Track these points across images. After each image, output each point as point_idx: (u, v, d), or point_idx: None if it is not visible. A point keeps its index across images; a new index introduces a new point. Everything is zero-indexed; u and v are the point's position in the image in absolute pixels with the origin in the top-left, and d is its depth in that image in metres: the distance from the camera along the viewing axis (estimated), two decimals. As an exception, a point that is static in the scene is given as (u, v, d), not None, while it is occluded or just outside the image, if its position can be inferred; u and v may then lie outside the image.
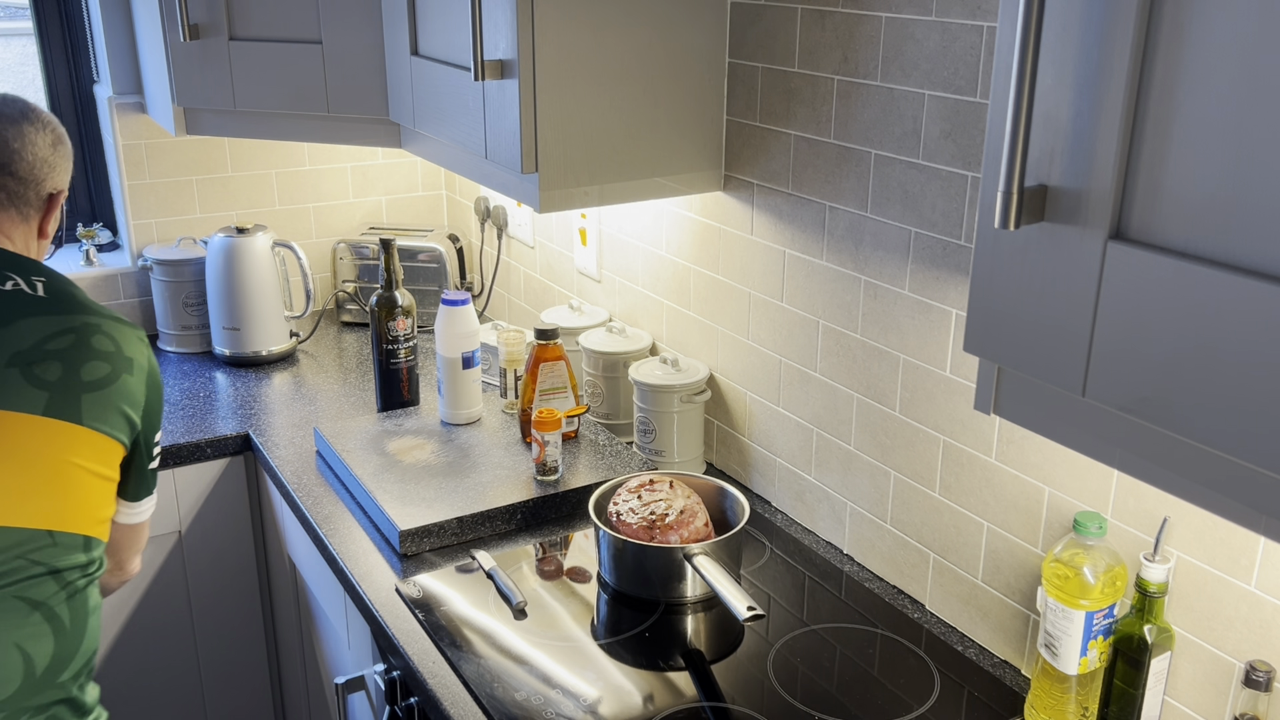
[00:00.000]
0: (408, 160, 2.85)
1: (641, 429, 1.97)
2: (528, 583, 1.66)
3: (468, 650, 1.50)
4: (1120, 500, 1.30)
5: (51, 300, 1.49)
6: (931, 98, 1.44)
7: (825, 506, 1.78)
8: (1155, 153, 0.77)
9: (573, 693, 1.41)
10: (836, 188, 1.62)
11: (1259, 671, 1.14)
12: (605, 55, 1.66)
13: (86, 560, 1.47)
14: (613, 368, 2.07)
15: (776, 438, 1.85)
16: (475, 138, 1.77)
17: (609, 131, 1.70)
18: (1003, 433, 1.44)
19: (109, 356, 1.49)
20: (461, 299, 2.07)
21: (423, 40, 1.92)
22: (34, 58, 2.93)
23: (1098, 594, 1.24)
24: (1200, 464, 0.79)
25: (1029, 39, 0.79)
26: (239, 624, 2.33)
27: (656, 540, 1.59)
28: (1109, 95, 0.78)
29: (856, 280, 1.62)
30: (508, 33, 1.61)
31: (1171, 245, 0.77)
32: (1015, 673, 1.48)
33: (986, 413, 0.97)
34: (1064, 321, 0.84)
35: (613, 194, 1.74)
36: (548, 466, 1.85)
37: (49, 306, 1.48)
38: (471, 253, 2.80)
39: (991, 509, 1.48)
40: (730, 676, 1.47)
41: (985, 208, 0.88)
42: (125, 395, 1.49)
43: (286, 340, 2.55)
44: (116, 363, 1.49)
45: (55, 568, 1.42)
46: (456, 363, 2.07)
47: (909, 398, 1.57)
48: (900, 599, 1.64)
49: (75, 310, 1.50)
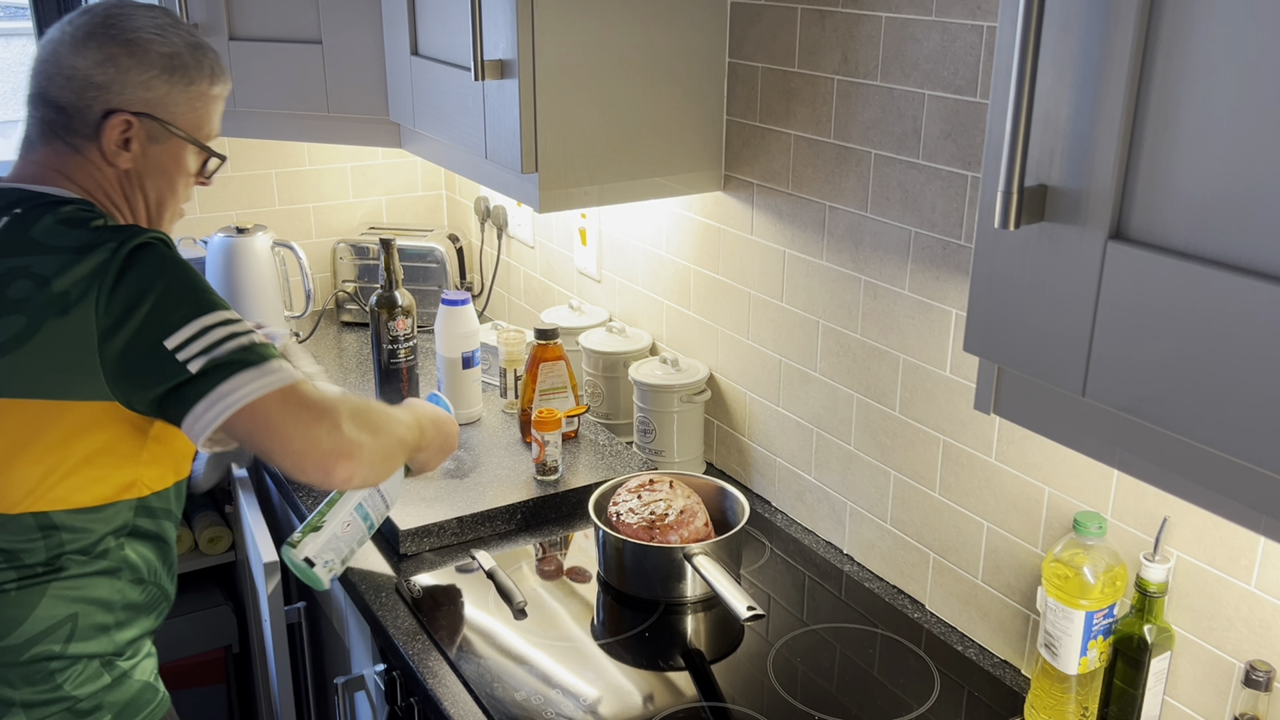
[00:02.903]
0: (408, 160, 2.85)
1: (641, 429, 1.97)
2: (528, 583, 1.66)
3: (468, 650, 1.50)
4: (1120, 500, 1.30)
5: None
6: (931, 98, 1.44)
7: (825, 506, 1.78)
8: (1155, 153, 0.77)
9: (573, 693, 1.41)
10: (836, 188, 1.62)
11: (1259, 671, 1.14)
12: (605, 55, 1.66)
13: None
14: (613, 368, 2.07)
15: (776, 438, 1.85)
16: (475, 138, 1.77)
17: (609, 131, 1.70)
18: (1003, 433, 1.44)
19: (24, 304, 1.28)
20: (461, 299, 2.07)
21: (423, 40, 1.92)
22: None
23: (1098, 594, 1.24)
24: (1200, 464, 0.79)
25: (1029, 39, 0.79)
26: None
27: (656, 540, 1.59)
28: (1109, 95, 0.78)
29: (856, 280, 1.62)
30: (508, 33, 1.61)
31: (1171, 245, 0.77)
32: (1015, 673, 1.48)
33: (986, 413, 0.97)
34: (1064, 321, 0.84)
35: (613, 194, 1.74)
36: (547, 466, 1.85)
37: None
38: (471, 253, 2.80)
39: (991, 509, 1.48)
40: (730, 676, 1.47)
41: (985, 208, 0.88)
42: (62, 344, 1.28)
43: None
44: (36, 309, 1.28)
45: None
46: (456, 363, 2.07)
47: (909, 398, 1.57)
48: (900, 599, 1.64)
49: (9, 254, 1.31)
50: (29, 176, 1.41)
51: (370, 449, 1.37)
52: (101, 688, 1.40)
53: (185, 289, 1.32)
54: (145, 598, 1.44)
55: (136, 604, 1.43)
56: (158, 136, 1.42)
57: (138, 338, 1.29)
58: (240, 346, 1.31)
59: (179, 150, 1.45)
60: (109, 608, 1.40)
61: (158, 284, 1.30)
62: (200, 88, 1.44)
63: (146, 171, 1.43)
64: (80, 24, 1.39)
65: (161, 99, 1.41)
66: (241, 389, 1.29)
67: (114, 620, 1.40)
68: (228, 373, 1.29)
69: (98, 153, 1.40)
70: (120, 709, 1.41)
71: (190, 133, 1.45)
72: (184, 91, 1.42)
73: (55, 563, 1.35)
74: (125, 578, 1.41)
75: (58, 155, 1.40)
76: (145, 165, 1.43)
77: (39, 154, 1.41)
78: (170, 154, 1.44)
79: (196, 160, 1.48)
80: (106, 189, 1.42)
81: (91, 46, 1.37)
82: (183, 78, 1.42)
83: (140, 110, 1.39)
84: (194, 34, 1.45)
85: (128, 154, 1.40)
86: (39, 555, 1.34)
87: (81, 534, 1.36)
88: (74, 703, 1.38)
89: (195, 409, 1.29)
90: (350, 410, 1.37)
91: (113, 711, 1.41)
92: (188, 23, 1.46)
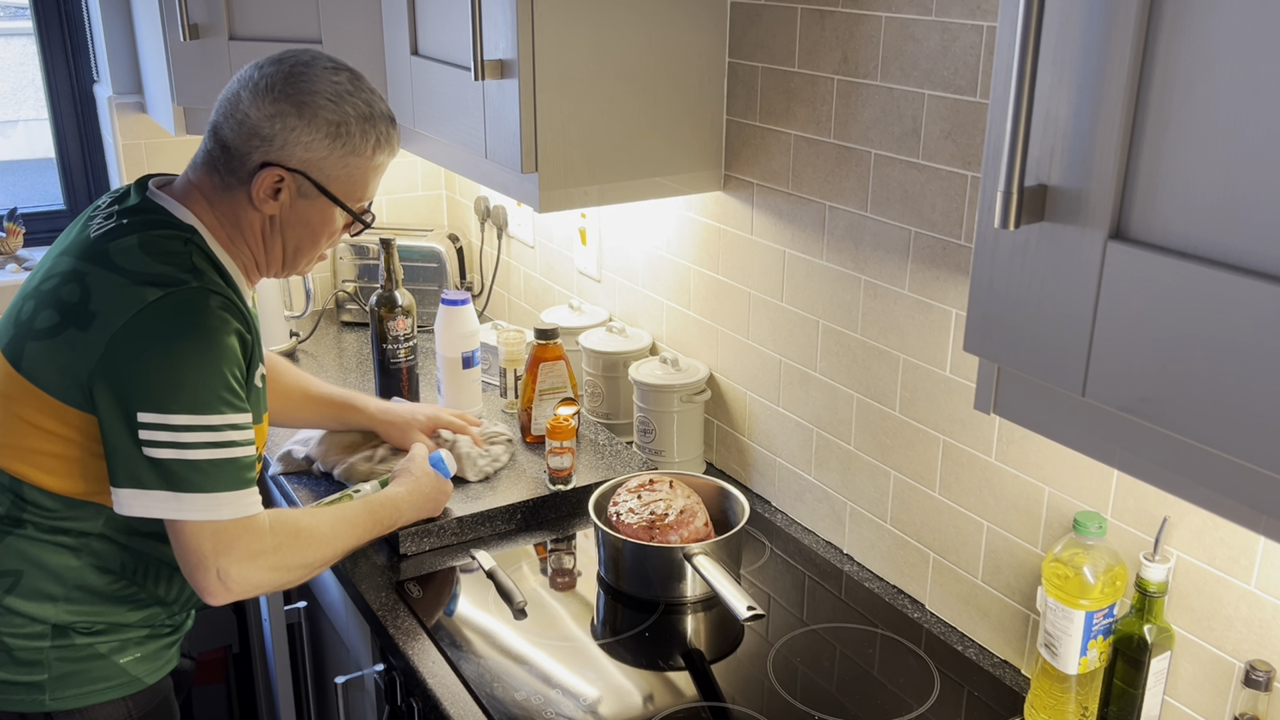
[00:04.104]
0: (408, 160, 2.85)
1: (641, 429, 1.97)
2: (528, 583, 1.66)
3: (468, 650, 1.50)
4: (1120, 500, 1.30)
5: (87, 245, 1.40)
6: (931, 97, 1.44)
7: (825, 506, 1.78)
8: (1155, 153, 0.77)
9: (573, 693, 1.41)
10: (836, 187, 1.62)
11: (1259, 671, 1.14)
12: (605, 55, 1.66)
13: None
14: (613, 368, 2.07)
15: (776, 438, 1.85)
16: (475, 138, 1.77)
17: (609, 131, 1.70)
18: (1003, 433, 1.44)
19: (67, 308, 1.36)
20: (461, 299, 2.07)
21: (423, 40, 1.92)
22: (34, 58, 2.93)
23: (1098, 594, 1.24)
24: (1200, 464, 0.79)
25: (1029, 39, 0.79)
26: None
27: (656, 540, 1.59)
28: (1109, 95, 0.78)
29: (856, 280, 1.62)
30: (508, 33, 1.61)
31: (1171, 245, 0.77)
32: (1015, 672, 1.48)
33: (986, 413, 0.97)
34: (1064, 321, 0.84)
35: (613, 194, 1.74)
36: (566, 474, 1.84)
37: (80, 250, 1.41)
38: (471, 253, 2.80)
39: (991, 509, 1.48)
40: (730, 676, 1.47)
41: (985, 208, 0.88)
42: (71, 353, 1.34)
43: (286, 340, 2.55)
44: (72, 315, 1.35)
45: None
46: (456, 362, 2.07)
47: (909, 398, 1.57)
48: (900, 599, 1.64)
49: (85, 258, 1.39)
50: (176, 191, 1.48)
51: (259, 587, 1.41)
52: (46, 646, 1.43)
53: (189, 373, 1.34)
54: (114, 589, 1.45)
55: (98, 590, 1.44)
56: (308, 194, 1.47)
57: (116, 388, 1.33)
58: (207, 461, 1.34)
59: (327, 209, 1.49)
60: (59, 580, 1.42)
61: (167, 353, 1.34)
62: (360, 158, 1.47)
63: (290, 222, 1.48)
64: (268, 73, 1.44)
65: (319, 161, 1.45)
66: (174, 504, 1.34)
67: (63, 593, 1.42)
68: (172, 483, 1.34)
69: (245, 196, 1.45)
70: (64, 675, 1.44)
71: (342, 195, 1.49)
72: (343, 158, 1.46)
73: (17, 519, 1.41)
74: (86, 561, 1.43)
75: (210, 184, 1.46)
76: (290, 216, 1.48)
77: (196, 176, 1.48)
78: (318, 211, 1.49)
79: (344, 219, 1.52)
80: (243, 228, 1.48)
81: (268, 99, 1.42)
82: (345, 145, 1.45)
83: (296, 167, 1.44)
84: (373, 103, 1.48)
85: (275, 203, 1.46)
86: (3, 508, 1.41)
87: (47, 512, 1.41)
88: (9, 649, 1.42)
89: (124, 490, 1.35)
90: (272, 545, 1.41)
91: (55, 672, 1.43)
92: (371, 91, 1.50)
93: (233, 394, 1.37)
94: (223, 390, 1.35)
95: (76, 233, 1.46)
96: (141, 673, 1.49)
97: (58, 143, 2.93)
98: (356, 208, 1.52)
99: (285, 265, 1.53)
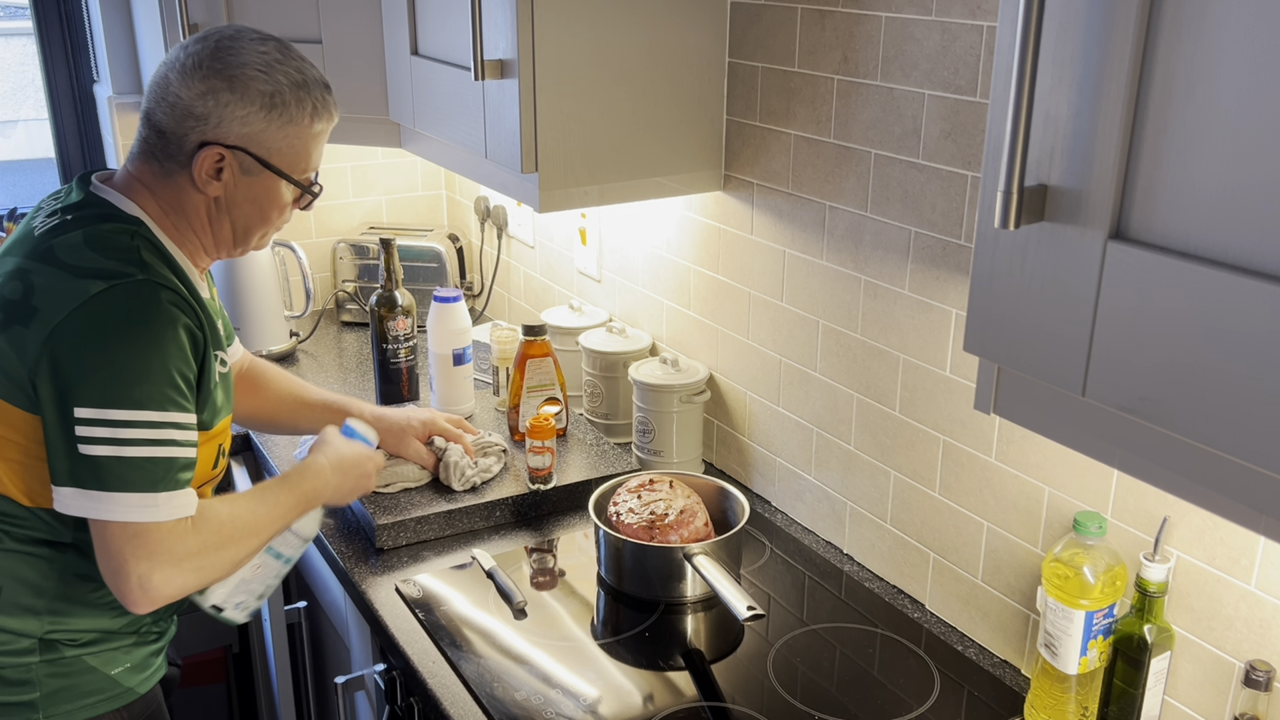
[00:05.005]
0: (408, 160, 2.85)
1: (641, 429, 1.97)
2: (527, 582, 1.66)
3: (468, 650, 1.50)
4: (1120, 500, 1.30)
5: (32, 243, 1.38)
6: (931, 98, 1.44)
7: (825, 506, 1.78)
8: (1155, 153, 0.77)
9: (573, 693, 1.41)
10: (836, 187, 1.62)
11: (1259, 671, 1.14)
12: (605, 55, 1.66)
13: None
14: (612, 368, 2.07)
15: (776, 438, 1.85)
16: (475, 138, 1.77)
17: (609, 131, 1.70)
18: (1003, 433, 1.44)
19: (10, 306, 1.33)
20: (453, 296, 2.07)
21: (423, 40, 1.92)
22: (34, 58, 2.93)
23: (1098, 594, 1.24)
24: (1200, 464, 0.79)
25: (1029, 39, 0.79)
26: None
27: (656, 540, 1.59)
28: (1109, 95, 0.78)
29: (856, 280, 1.62)
30: (508, 33, 1.61)
31: (1171, 245, 0.77)
32: (1015, 672, 1.48)
33: (986, 413, 0.97)
34: (1064, 321, 0.84)
35: (613, 194, 1.74)
36: (545, 473, 1.84)
37: (24, 249, 1.38)
38: (471, 252, 2.80)
39: (991, 509, 1.48)
40: (730, 676, 1.47)
41: (985, 208, 0.88)
42: (13, 352, 1.31)
43: (286, 340, 2.55)
44: (15, 312, 1.32)
45: None
46: (448, 359, 2.07)
47: (909, 398, 1.57)
48: (900, 599, 1.64)
49: (30, 255, 1.36)
50: (118, 183, 1.45)
51: (183, 591, 1.36)
52: (35, 663, 1.40)
53: (132, 367, 1.30)
54: (96, 596, 1.43)
55: (80, 599, 1.42)
56: (251, 170, 1.44)
57: (56, 382, 1.29)
58: (145, 458, 1.30)
59: (272, 183, 1.47)
60: (39, 592, 1.40)
61: (109, 346, 1.30)
62: (299, 127, 1.45)
63: (236, 200, 1.46)
64: (193, 52, 1.42)
65: (258, 134, 1.43)
66: (105, 503, 1.29)
67: (45, 605, 1.40)
68: (105, 481, 1.29)
69: (188, 179, 1.43)
70: (56, 691, 1.41)
71: (285, 167, 1.47)
72: (281, 129, 1.44)
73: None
74: (64, 569, 1.40)
75: (150, 173, 1.44)
76: (235, 195, 1.45)
77: (135, 166, 1.46)
78: (263, 186, 1.46)
79: (292, 192, 1.50)
80: (189, 214, 1.45)
81: (197, 78, 1.40)
82: (281, 115, 1.43)
83: (235, 144, 1.42)
84: (304, 70, 1.46)
85: (218, 183, 1.43)
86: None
87: (17, 520, 1.38)
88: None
89: (65, 490, 1.30)
90: (197, 547, 1.35)
91: (46, 689, 1.41)
92: (301, 59, 1.48)
93: (178, 392, 1.33)
94: (167, 387, 1.32)
95: (21, 232, 1.43)
96: (133, 683, 1.48)
97: (58, 143, 2.93)
98: (302, 179, 1.50)
99: (236, 244, 1.50)
